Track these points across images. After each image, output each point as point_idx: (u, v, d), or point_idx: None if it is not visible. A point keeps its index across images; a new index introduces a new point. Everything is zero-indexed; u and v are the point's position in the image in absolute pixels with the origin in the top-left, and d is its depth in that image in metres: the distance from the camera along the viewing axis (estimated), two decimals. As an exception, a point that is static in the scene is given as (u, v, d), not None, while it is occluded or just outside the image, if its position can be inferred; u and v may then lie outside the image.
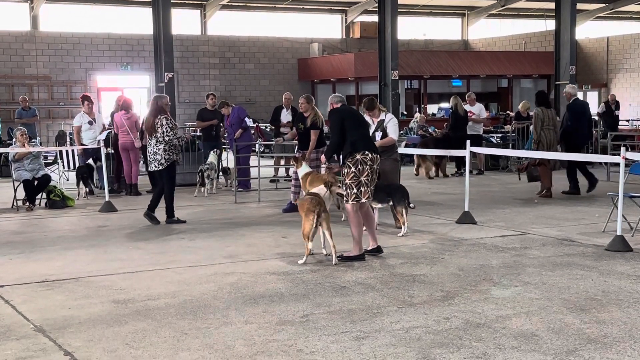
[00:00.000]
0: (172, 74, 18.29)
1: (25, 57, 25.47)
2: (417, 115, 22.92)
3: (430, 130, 20.71)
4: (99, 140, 12.70)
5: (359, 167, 7.71)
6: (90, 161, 13.42)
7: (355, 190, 7.71)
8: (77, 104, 22.79)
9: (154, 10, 18.19)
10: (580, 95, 26.97)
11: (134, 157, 13.76)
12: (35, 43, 25.60)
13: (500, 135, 18.85)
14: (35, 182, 12.11)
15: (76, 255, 8.35)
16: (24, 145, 12.26)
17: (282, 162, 15.92)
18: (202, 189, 13.56)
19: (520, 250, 8.23)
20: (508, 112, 26.40)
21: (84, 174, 13.41)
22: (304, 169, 9.62)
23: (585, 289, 6.49)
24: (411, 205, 9.32)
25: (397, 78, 19.47)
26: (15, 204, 12.05)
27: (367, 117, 9.69)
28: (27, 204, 12.03)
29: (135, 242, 9.06)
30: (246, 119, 15.10)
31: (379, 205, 9.23)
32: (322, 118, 11.13)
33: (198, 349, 5.07)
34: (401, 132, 19.77)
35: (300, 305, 6.07)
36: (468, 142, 10.37)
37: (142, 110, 16.23)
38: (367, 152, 7.76)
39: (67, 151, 14.68)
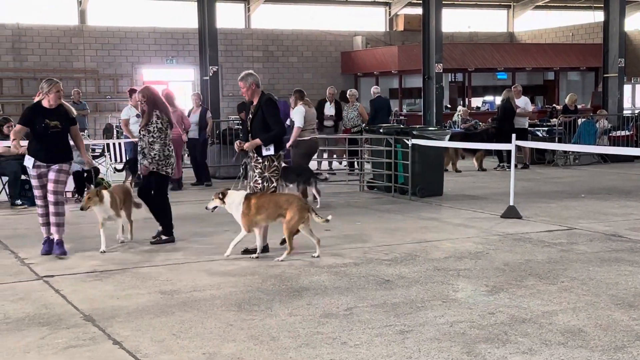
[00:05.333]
0: (217, 67, 18.44)
1: (74, 51, 25.91)
2: (460, 108, 22.73)
3: (473, 123, 20.50)
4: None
5: (277, 163, 8.11)
6: None
7: (274, 184, 8.11)
8: (123, 97, 23.17)
9: (199, 4, 18.36)
10: (628, 88, 26.55)
11: (178, 152, 13.92)
12: (83, 37, 26.02)
13: (546, 128, 18.57)
14: (85, 174, 12.32)
15: (123, 246, 8.49)
16: None
17: (325, 155, 15.93)
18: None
19: (566, 245, 8.12)
20: (554, 105, 26.00)
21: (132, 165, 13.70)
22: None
23: (634, 285, 6.38)
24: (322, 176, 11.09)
25: (441, 71, 19.32)
26: (64, 195, 12.24)
27: (302, 107, 11.66)
28: (77, 195, 12.25)
29: (179, 234, 9.15)
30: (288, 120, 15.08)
31: (290, 185, 10.71)
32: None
33: (243, 340, 5.12)
34: (445, 124, 19.71)
35: (344, 299, 6.09)
36: (514, 135, 10.26)
37: (186, 104, 16.36)
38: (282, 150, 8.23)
39: (114, 144, 14.91)
